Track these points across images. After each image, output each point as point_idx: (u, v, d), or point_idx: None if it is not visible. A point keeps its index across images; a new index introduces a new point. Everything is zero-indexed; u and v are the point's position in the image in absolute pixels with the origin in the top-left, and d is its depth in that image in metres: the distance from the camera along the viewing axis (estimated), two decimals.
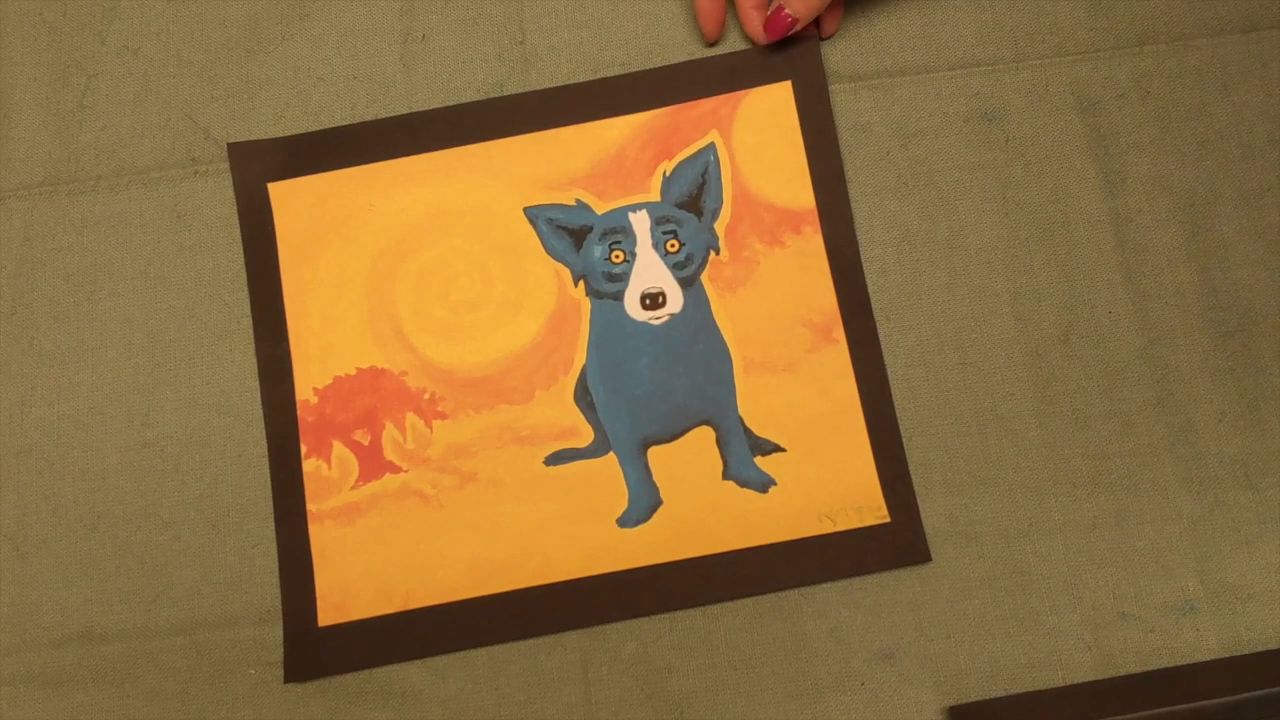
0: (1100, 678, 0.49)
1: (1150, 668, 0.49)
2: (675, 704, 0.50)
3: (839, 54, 0.55)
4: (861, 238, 0.54)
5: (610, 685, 0.50)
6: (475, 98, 0.55)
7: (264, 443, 0.53)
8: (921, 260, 0.53)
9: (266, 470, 0.52)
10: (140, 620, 0.51)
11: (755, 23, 0.54)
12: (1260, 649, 0.49)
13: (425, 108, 0.55)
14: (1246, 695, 0.49)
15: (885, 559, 0.50)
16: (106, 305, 0.54)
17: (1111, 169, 0.54)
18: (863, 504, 0.51)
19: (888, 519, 0.51)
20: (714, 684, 0.50)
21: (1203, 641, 0.50)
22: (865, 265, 0.53)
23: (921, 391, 0.52)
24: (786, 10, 0.52)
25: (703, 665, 0.50)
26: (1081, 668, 0.50)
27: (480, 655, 0.50)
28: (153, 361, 0.54)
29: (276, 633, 0.51)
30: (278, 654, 0.51)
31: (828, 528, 0.51)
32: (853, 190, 0.54)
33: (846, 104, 0.55)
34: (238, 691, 0.51)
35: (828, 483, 0.51)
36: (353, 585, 0.51)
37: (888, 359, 0.52)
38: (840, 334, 0.53)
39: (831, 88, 0.55)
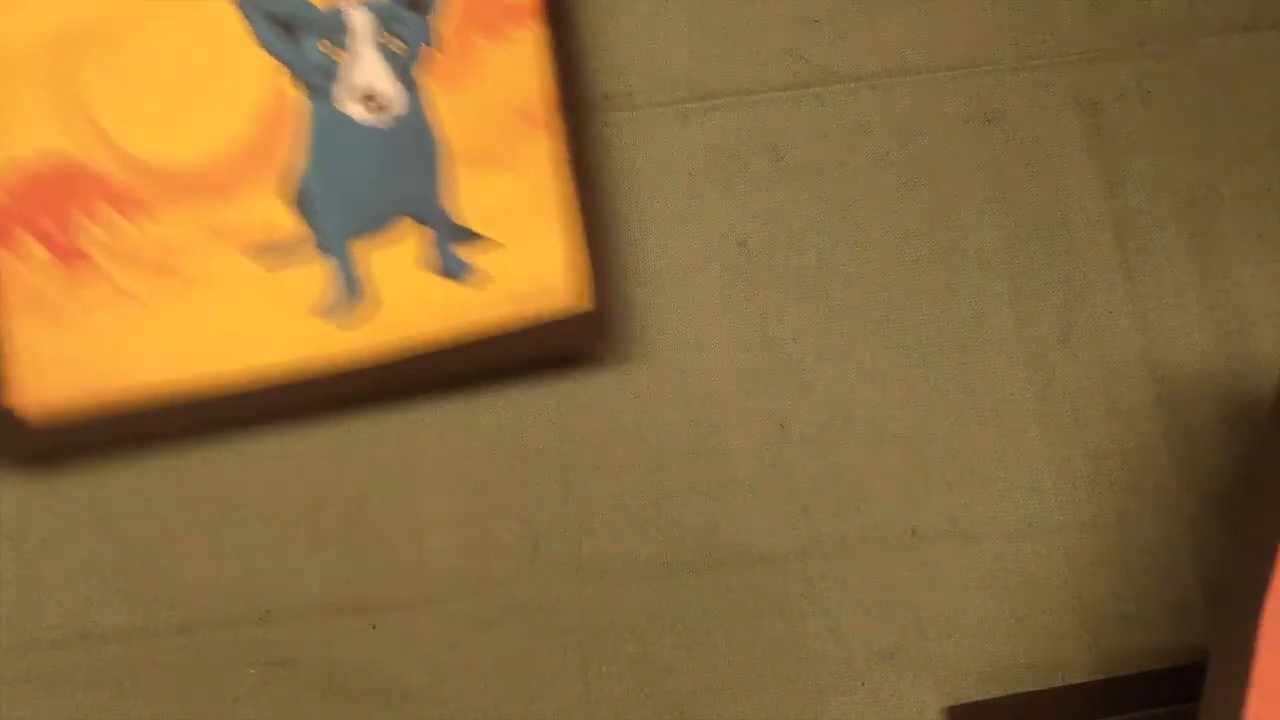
0: (1100, 678, 0.49)
1: (1150, 668, 0.49)
2: (675, 704, 0.50)
3: (839, 54, 0.55)
4: (861, 238, 0.54)
5: (610, 685, 0.50)
6: None
7: None
8: (921, 260, 0.53)
9: None
10: (140, 620, 0.51)
11: None
12: None
13: None
14: None
15: (588, 346, 0.51)
16: None
17: (1111, 169, 0.54)
18: (569, 291, 0.51)
19: (592, 307, 0.51)
20: (714, 684, 0.50)
21: (1203, 641, 0.50)
22: (865, 265, 0.53)
23: (921, 391, 0.52)
24: None
25: (703, 665, 0.50)
26: (1081, 668, 0.50)
27: (481, 656, 0.50)
28: None
29: (276, 633, 0.51)
30: (278, 654, 0.51)
31: (532, 316, 0.51)
32: (853, 190, 0.54)
33: (846, 104, 0.55)
34: (237, 691, 0.51)
35: (534, 273, 0.51)
36: (57, 380, 0.50)
37: (888, 358, 0.52)
38: (557, 125, 0.52)
39: (832, 88, 0.55)
